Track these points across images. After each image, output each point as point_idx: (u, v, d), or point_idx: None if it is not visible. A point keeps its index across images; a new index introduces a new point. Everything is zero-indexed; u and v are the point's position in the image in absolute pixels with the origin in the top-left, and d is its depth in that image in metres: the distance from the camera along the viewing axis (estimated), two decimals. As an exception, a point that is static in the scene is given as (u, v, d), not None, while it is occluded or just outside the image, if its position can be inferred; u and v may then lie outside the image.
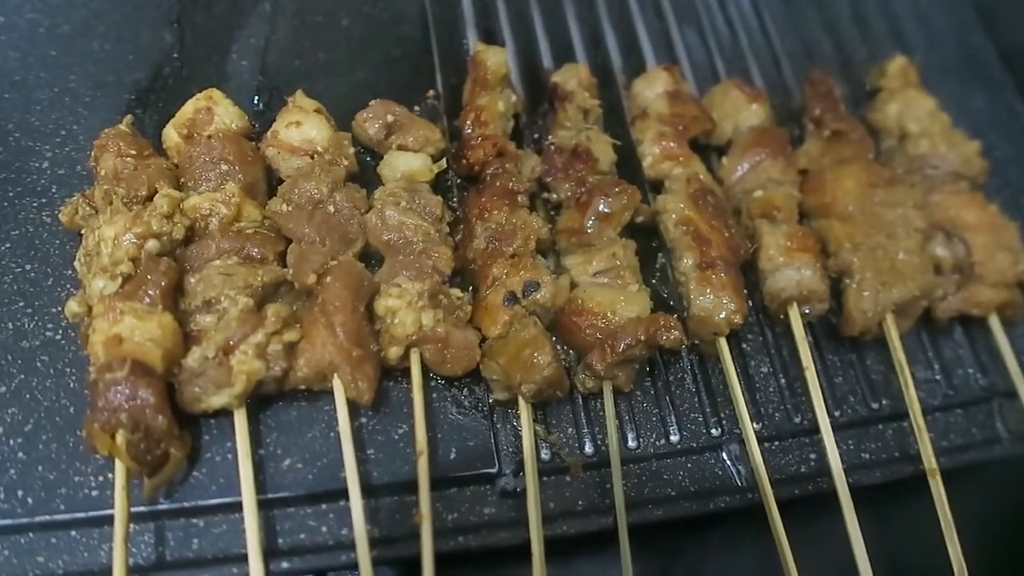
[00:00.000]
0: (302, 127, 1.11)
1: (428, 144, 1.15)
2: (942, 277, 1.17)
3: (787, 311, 1.12)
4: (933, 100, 1.31)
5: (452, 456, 1.01)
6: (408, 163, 1.12)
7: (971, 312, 1.16)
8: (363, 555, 0.90)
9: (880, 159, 1.29)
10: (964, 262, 1.14)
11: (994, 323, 1.17)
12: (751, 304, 1.16)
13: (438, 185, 1.15)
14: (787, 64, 1.43)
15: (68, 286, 1.05)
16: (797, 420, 1.11)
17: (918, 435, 1.07)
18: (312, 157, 1.10)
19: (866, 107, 1.37)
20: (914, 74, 1.36)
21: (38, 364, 1.00)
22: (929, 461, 1.06)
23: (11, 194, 1.10)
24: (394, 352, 1.00)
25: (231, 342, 0.93)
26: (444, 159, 1.17)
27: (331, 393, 0.98)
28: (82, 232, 1.03)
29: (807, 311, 1.12)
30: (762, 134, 1.23)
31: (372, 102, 1.17)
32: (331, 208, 1.06)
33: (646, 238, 1.18)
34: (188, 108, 1.12)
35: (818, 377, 1.09)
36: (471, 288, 1.09)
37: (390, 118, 1.15)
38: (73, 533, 0.93)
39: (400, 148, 1.15)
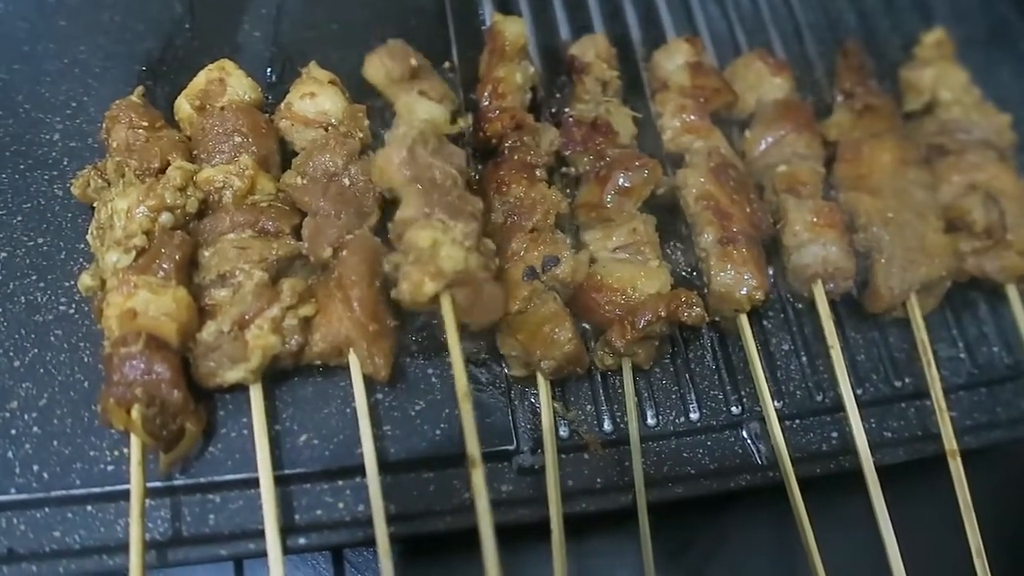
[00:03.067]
0: (317, 99, 1.09)
1: (446, 99, 1.12)
2: (971, 237, 1.15)
3: (811, 288, 1.10)
4: (966, 74, 1.28)
5: (469, 433, 1.00)
6: (430, 110, 1.08)
7: (994, 276, 1.14)
8: (380, 531, 0.89)
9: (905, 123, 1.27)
10: (996, 225, 1.12)
11: (1012, 294, 1.15)
12: (772, 280, 1.14)
13: (454, 158, 1.13)
14: (810, 36, 1.40)
15: (81, 260, 1.04)
16: (819, 398, 1.10)
17: (939, 416, 1.06)
18: (326, 129, 1.08)
19: (901, 64, 1.36)
20: (949, 48, 1.33)
21: (52, 338, 0.99)
22: (949, 442, 1.05)
23: (22, 167, 1.09)
24: (430, 288, 0.89)
25: (246, 316, 0.92)
26: (468, 117, 1.14)
27: (347, 369, 0.97)
28: (94, 205, 1.02)
29: (831, 288, 1.10)
30: (787, 107, 1.20)
31: (392, 41, 1.13)
32: (346, 181, 1.04)
33: (666, 213, 1.16)
34: (200, 79, 1.10)
35: (841, 355, 1.07)
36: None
37: (414, 62, 1.11)
38: (89, 508, 0.92)
39: (421, 94, 1.10)
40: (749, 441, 1.06)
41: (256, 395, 0.94)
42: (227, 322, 0.92)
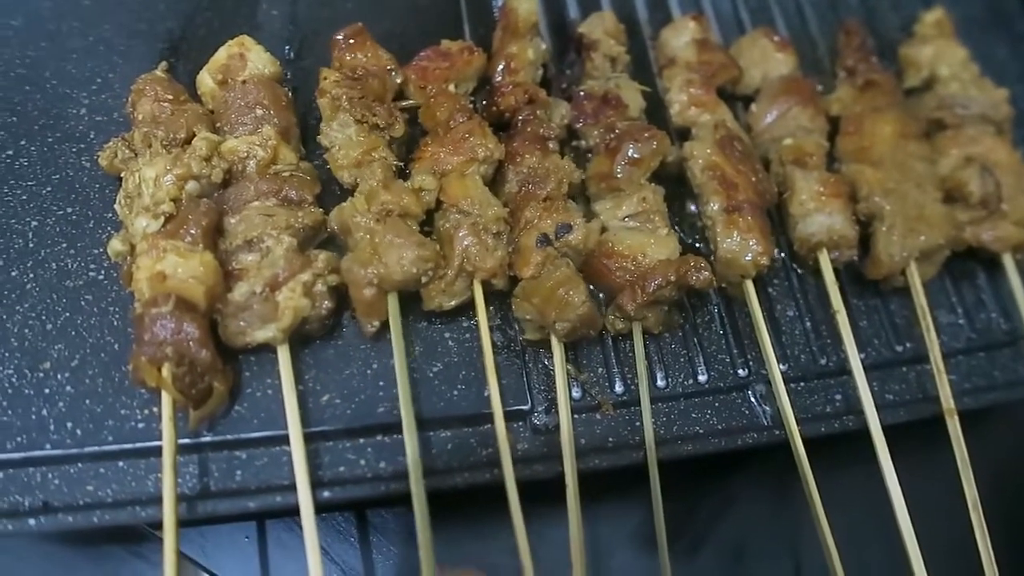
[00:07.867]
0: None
1: None
2: (968, 208, 1.18)
3: (816, 256, 1.14)
4: (965, 51, 1.32)
5: (485, 394, 1.03)
6: None
7: (990, 246, 1.17)
8: (416, 485, 0.93)
9: (906, 98, 1.30)
10: (992, 196, 1.15)
11: (1008, 263, 1.19)
12: (777, 249, 1.17)
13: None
14: (812, 15, 1.43)
15: (109, 228, 1.07)
16: (823, 361, 1.13)
17: (937, 377, 1.09)
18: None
19: (900, 43, 1.39)
20: (948, 26, 1.36)
21: (82, 303, 1.02)
22: (947, 401, 1.08)
23: (50, 139, 1.12)
24: None
25: (279, 278, 0.95)
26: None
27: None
28: (121, 176, 1.05)
29: (835, 256, 1.14)
30: (792, 83, 1.24)
31: None
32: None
33: (673, 185, 1.19)
34: (221, 54, 1.13)
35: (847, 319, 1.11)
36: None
37: None
38: (121, 464, 0.95)
39: None
40: (755, 402, 1.09)
41: (284, 355, 0.97)
42: (259, 283, 0.95)
